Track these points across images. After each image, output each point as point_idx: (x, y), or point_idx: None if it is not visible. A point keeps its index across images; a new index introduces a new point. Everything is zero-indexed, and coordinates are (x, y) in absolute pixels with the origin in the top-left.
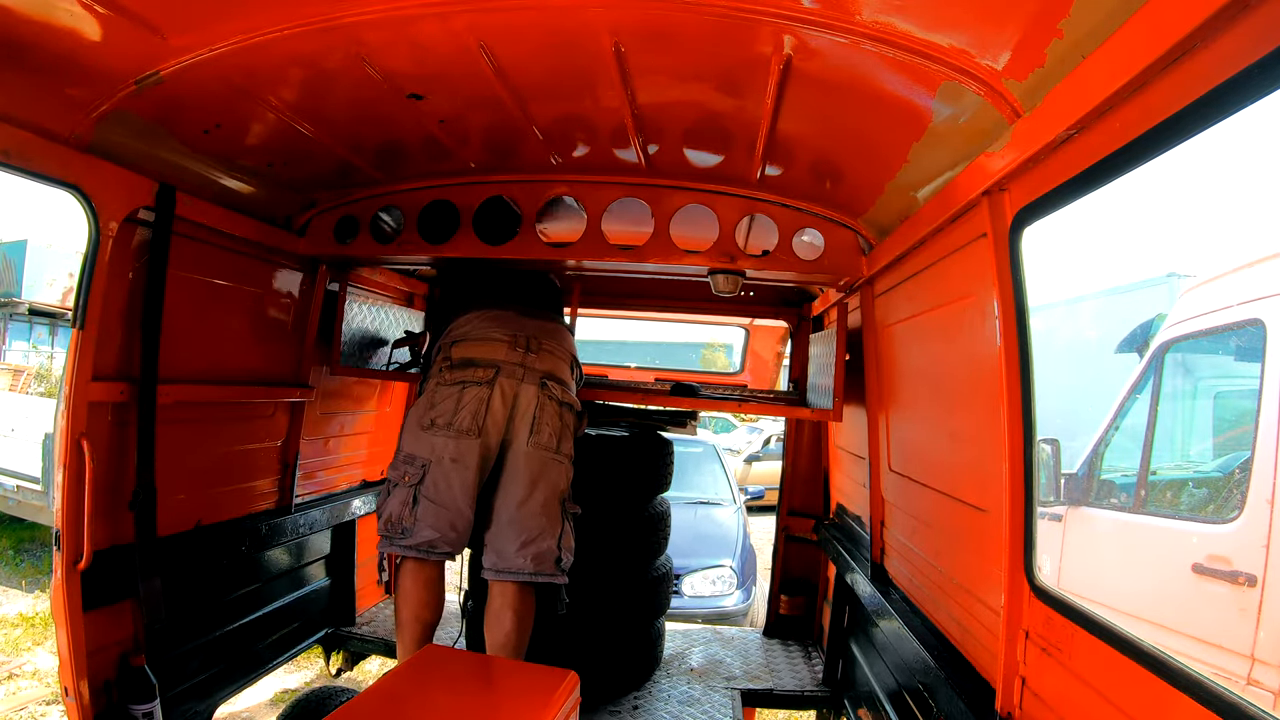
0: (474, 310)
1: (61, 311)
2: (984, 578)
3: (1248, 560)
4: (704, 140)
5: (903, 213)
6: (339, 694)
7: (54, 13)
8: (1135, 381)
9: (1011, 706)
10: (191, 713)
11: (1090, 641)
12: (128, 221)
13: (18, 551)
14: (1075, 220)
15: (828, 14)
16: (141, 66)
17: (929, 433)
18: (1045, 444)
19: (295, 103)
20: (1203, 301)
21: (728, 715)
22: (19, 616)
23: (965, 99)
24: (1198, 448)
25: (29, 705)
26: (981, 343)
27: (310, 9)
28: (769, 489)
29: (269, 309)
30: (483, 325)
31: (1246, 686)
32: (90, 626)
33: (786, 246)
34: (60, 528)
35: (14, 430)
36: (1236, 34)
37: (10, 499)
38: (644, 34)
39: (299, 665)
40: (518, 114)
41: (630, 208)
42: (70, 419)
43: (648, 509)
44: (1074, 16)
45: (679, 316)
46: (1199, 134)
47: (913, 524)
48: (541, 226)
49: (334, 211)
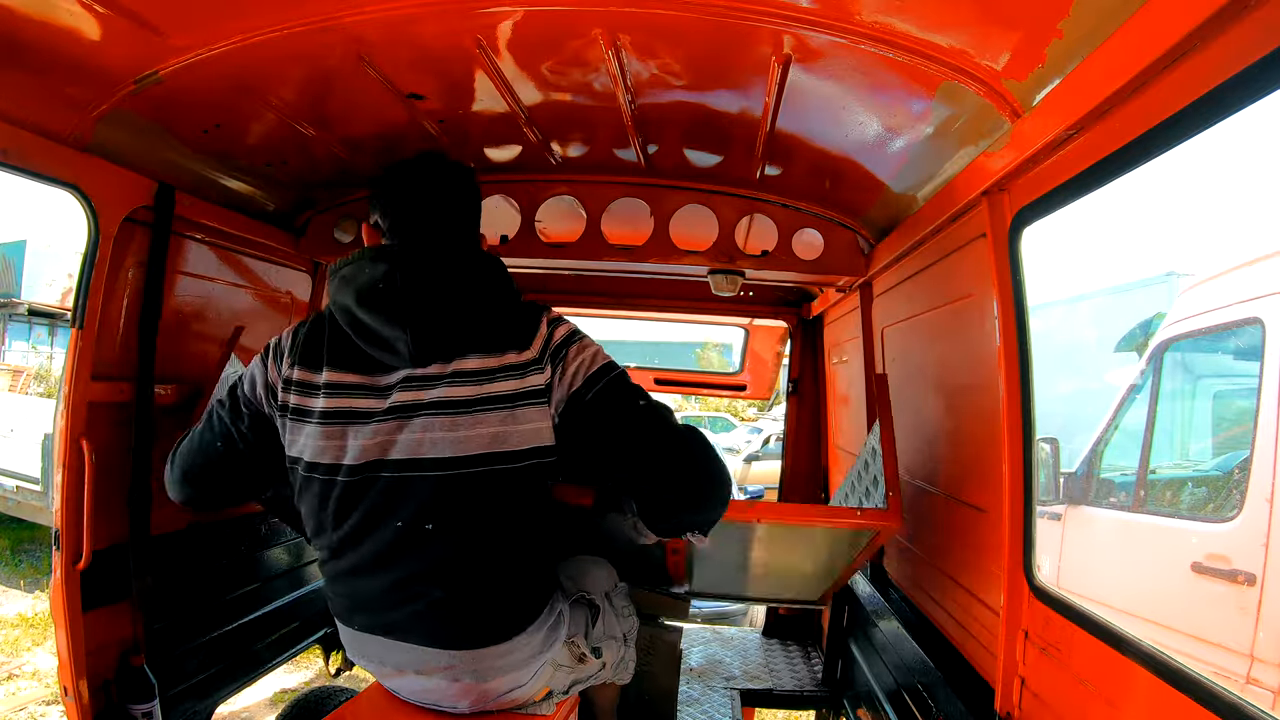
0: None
1: (61, 312)
2: (983, 578)
3: (1247, 559)
4: (704, 140)
5: (902, 213)
6: (338, 694)
7: (53, 12)
8: (1134, 380)
9: (1011, 706)
10: (191, 712)
11: (1089, 642)
12: (127, 221)
13: (17, 552)
14: (1075, 219)
15: (827, 14)
16: (141, 66)
17: (928, 433)
18: (1044, 443)
19: (295, 102)
20: (1202, 300)
21: (727, 715)
22: (18, 617)
23: (965, 99)
24: (1197, 446)
25: (29, 705)
26: (981, 343)
27: (310, 9)
28: (768, 489)
29: (269, 308)
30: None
31: (1246, 685)
32: (90, 626)
33: (786, 246)
34: (59, 528)
35: (13, 430)
36: (1236, 34)
37: (10, 499)
38: (643, 34)
39: (298, 665)
40: (517, 114)
41: (630, 208)
42: (69, 419)
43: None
44: (1074, 17)
45: (678, 316)
46: (1199, 134)
47: (912, 523)
48: (541, 226)
49: (334, 211)
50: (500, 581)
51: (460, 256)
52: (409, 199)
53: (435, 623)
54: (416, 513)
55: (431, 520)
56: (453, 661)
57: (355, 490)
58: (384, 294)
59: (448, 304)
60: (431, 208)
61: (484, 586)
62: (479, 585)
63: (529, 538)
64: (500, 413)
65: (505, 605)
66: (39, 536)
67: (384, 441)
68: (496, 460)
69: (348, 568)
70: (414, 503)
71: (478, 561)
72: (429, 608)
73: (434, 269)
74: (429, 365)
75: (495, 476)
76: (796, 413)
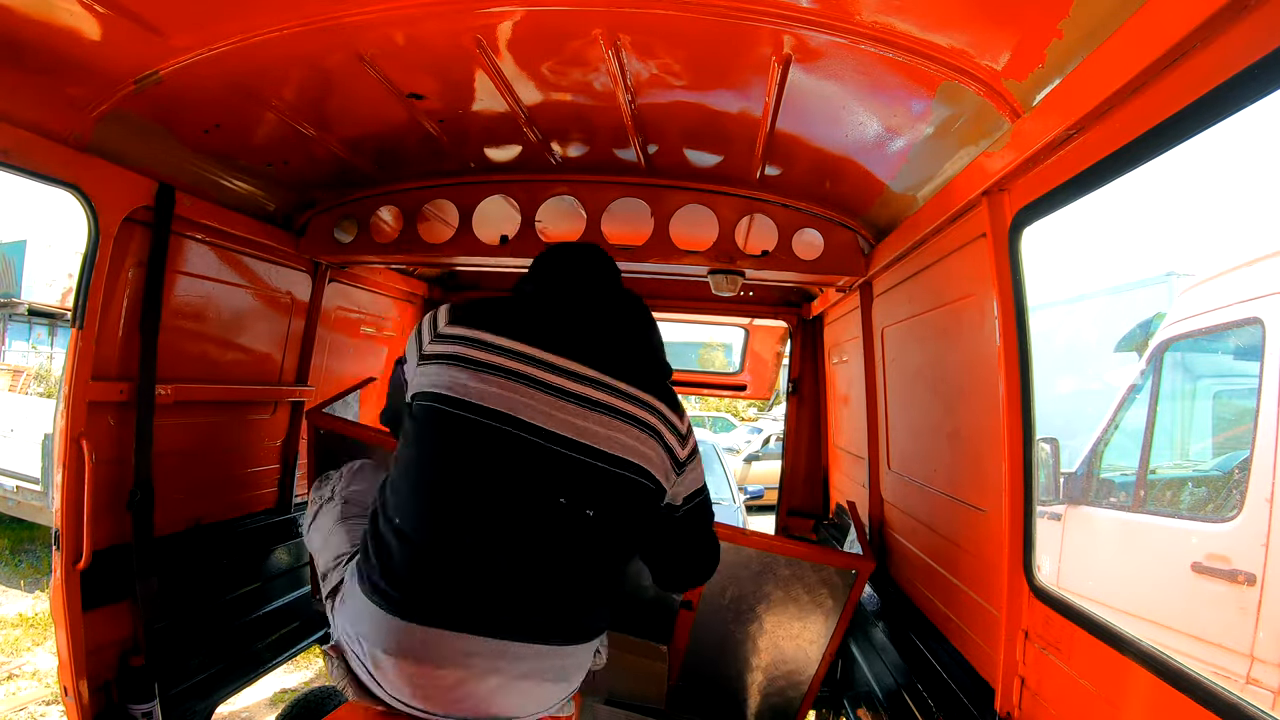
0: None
1: (61, 311)
2: (983, 577)
3: (1247, 559)
4: (703, 140)
5: (902, 213)
6: (338, 694)
7: (54, 12)
8: (1134, 381)
9: (1011, 706)
10: (191, 712)
11: (1089, 641)
12: (127, 221)
13: (16, 552)
14: (1075, 219)
15: (827, 14)
16: (141, 66)
17: (929, 433)
18: (1044, 443)
19: (295, 102)
20: (1201, 300)
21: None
22: (18, 617)
23: (965, 99)
24: (1197, 446)
25: (29, 705)
26: (981, 343)
27: (310, 9)
28: (769, 488)
29: (269, 308)
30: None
31: (1246, 685)
32: (90, 626)
33: (786, 246)
34: (59, 527)
35: (13, 430)
36: (1236, 34)
37: (10, 499)
38: (643, 34)
39: (298, 665)
40: (517, 114)
41: (630, 208)
42: (69, 419)
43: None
44: (1074, 17)
45: (678, 316)
46: (1199, 134)
47: (912, 524)
48: (541, 227)
49: (334, 211)
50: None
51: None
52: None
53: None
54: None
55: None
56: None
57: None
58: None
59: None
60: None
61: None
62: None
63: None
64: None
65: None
66: (39, 536)
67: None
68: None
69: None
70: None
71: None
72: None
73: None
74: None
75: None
76: (796, 413)
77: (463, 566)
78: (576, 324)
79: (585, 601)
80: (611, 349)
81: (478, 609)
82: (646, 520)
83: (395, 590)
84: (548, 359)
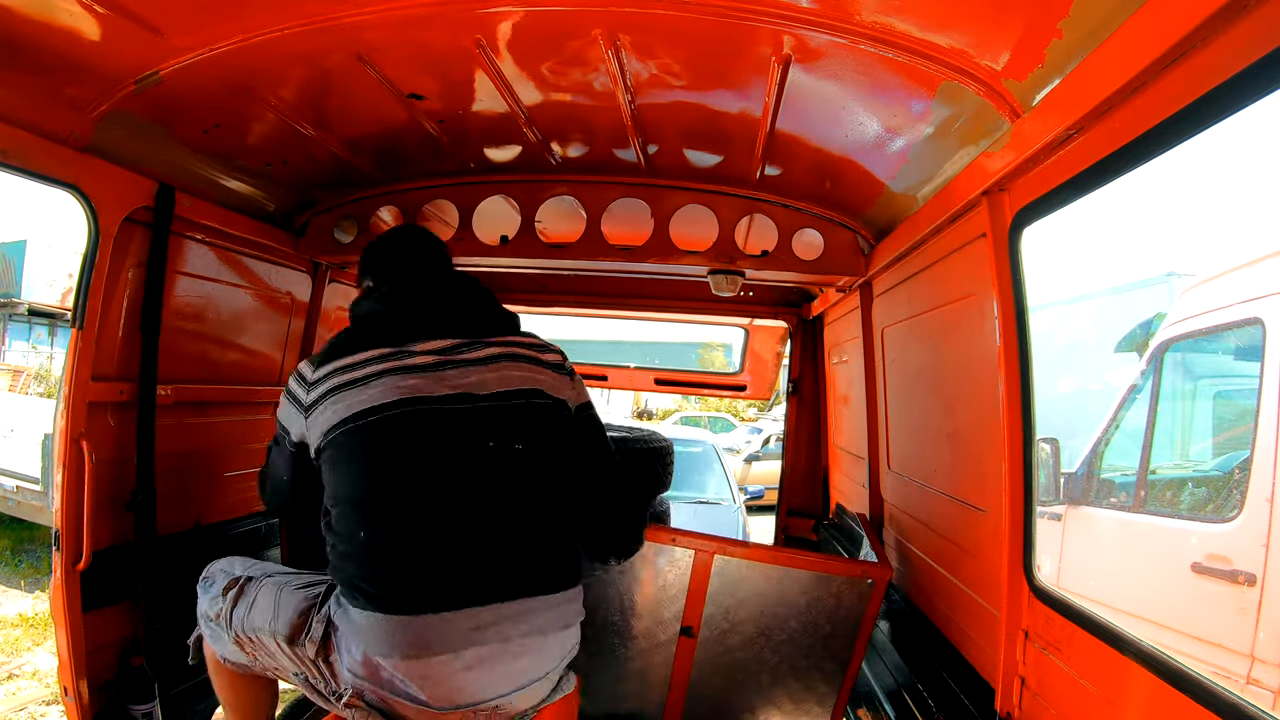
0: None
1: (61, 311)
2: (983, 578)
3: (1247, 559)
4: (703, 140)
5: (902, 213)
6: None
7: (54, 12)
8: (1134, 381)
9: (1011, 706)
10: (191, 712)
11: (1089, 641)
12: (127, 221)
13: (17, 552)
14: (1074, 219)
15: (827, 14)
16: (141, 66)
17: (928, 432)
18: (1044, 443)
19: (295, 102)
20: (1202, 300)
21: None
22: (19, 617)
23: (965, 99)
24: (1197, 447)
25: (29, 705)
26: (981, 343)
27: (310, 9)
28: (769, 489)
29: (269, 308)
30: None
31: (1246, 685)
32: (90, 626)
33: (786, 246)
34: (59, 528)
35: (13, 430)
36: (1236, 34)
37: (10, 499)
38: (643, 34)
39: None
40: (517, 114)
41: (630, 208)
42: (69, 419)
43: (648, 509)
44: (1074, 16)
45: (678, 317)
46: (1199, 134)
47: (912, 524)
48: (541, 227)
49: (334, 211)
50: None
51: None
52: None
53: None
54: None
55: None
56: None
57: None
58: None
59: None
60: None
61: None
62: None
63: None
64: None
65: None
66: (39, 536)
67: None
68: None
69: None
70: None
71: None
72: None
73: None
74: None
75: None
76: (797, 413)
77: (437, 544)
78: (426, 309)
79: (549, 541)
80: (462, 317)
81: (465, 579)
82: (561, 438)
83: (389, 591)
84: (410, 349)
